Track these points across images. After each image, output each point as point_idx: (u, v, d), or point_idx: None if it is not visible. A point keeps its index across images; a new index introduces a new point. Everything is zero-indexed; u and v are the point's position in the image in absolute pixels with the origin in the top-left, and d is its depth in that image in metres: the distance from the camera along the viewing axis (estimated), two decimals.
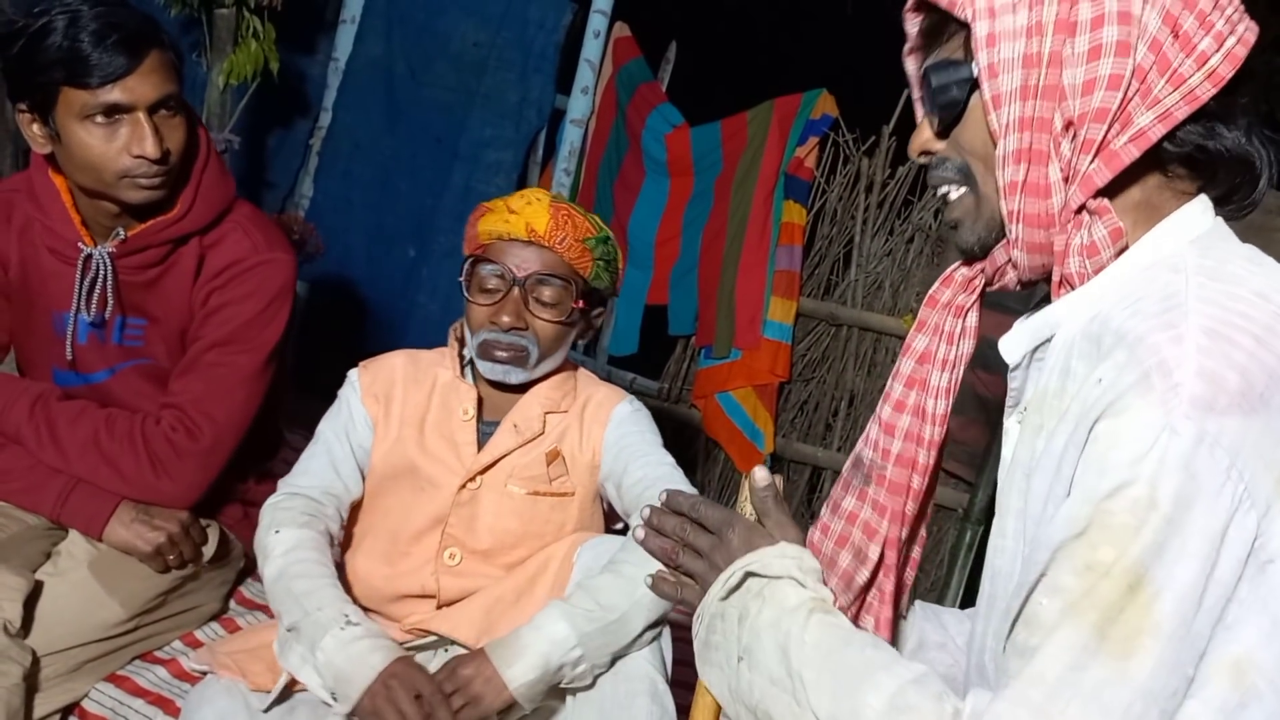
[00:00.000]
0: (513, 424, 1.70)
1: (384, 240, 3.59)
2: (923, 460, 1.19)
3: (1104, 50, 0.93)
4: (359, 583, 1.70)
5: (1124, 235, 0.98)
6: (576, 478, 1.71)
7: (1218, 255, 0.97)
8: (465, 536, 1.67)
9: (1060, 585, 0.87)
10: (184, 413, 1.74)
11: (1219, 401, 0.84)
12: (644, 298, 3.58)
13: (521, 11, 3.56)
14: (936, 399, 1.17)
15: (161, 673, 1.73)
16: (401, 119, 3.67)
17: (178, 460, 1.73)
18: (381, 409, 1.72)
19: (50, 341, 1.79)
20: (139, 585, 1.71)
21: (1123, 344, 0.90)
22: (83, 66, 1.56)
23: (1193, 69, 0.94)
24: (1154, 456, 0.84)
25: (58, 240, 1.72)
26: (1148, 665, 0.84)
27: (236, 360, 1.77)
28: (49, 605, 1.63)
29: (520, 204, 1.65)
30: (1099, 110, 0.94)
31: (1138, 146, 0.95)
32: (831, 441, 3.39)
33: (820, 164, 3.32)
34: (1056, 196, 0.98)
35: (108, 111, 1.59)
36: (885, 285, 3.30)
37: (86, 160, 1.62)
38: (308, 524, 1.62)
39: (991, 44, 0.97)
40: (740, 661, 1.05)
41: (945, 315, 1.15)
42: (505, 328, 1.63)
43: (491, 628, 1.60)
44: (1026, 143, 0.97)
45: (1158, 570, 0.84)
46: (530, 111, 3.57)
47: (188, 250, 1.77)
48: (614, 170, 3.65)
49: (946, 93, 1.03)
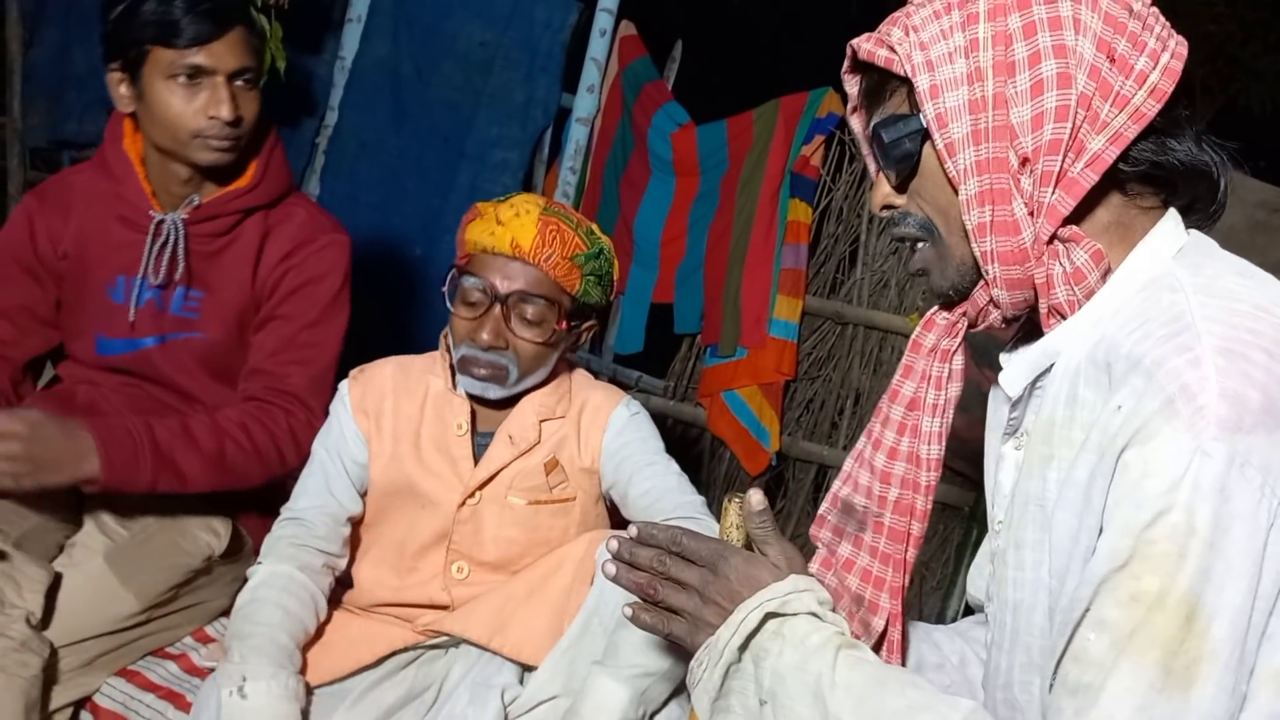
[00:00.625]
0: (507, 435, 1.67)
1: (391, 239, 3.60)
2: (920, 506, 1.18)
3: (1046, 85, 0.96)
4: (368, 591, 1.70)
5: (1105, 257, 1.00)
6: (576, 483, 1.70)
7: (1208, 271, 0.99)
8: (471, 550, 1.67)
9: (1107, 620, 0.87)
10: (297, 397, 1.84)
11: (1245, 421, 0.85)
12: (650, 296, 3.58)
13: (528, 11, 3.56)
14: (929, 444, 1.16)
15: (172, 668, 1.74)
16: (408, 118, 3.67)
17: (296, 446, 1.81)
18: (373, 424, 1.70)
19: (101, 310, 1.86)
20: (152, 577, 1.74)
21: (1138, 370, 0.91)
22: (173, 29, 1.70)
23: (1134, 89, 0.96)
24: (1188, 482, 0.85)
25: (129, 208, 1.83)
26: (1209, 692, 0.84)
27: (325, 339, 1.89)
28: (64, 597, 1.65)
29: (509, 215, 1.60)
30: (1051, 142, 0.96)
31: (1094, 170, 0.97)
32: (837, 440, 3.39)
33: (826, 162, 3.32)
34: (1026, 231, 0.99)
35: (191, 73, 1.72)
36: (891, 284, 3.30)
37: (165, 117, 1.74)
38: (292, 557, 1.62)
39: (935, 95, 1.00)
40: (764, 705, 1.03)
41: (931, 360, 1.15)
42: (484, 346, 1.59)
43: (504, 626, 1.61)
44: (987, 184, 0.99)
45: (1208, 596, 0.84)
46: (536, 111, 3.57)
47: (252, 224, 1.87)
48: (620, 169, 3.66)
49: (899, 146, 1.04)
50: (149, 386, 1.89)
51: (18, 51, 3.94)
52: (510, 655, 1.60)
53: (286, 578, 1.60)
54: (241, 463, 1.76)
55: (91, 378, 1.90)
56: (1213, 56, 5.27)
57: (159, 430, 1.67)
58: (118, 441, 1.61)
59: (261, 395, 1.83)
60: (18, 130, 4.01)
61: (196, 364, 1.88)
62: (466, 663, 1.65)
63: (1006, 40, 0.98)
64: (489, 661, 1.63)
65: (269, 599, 1.56)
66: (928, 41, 1.01)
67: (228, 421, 1.76)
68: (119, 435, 1.62)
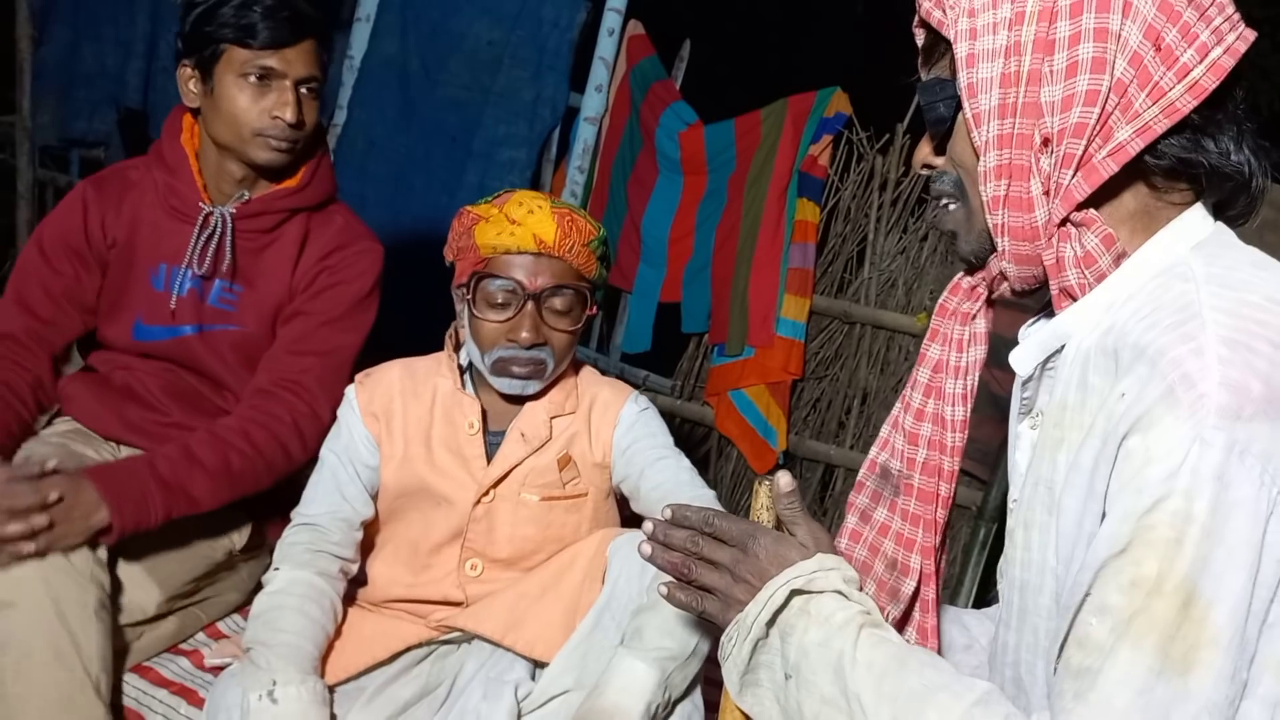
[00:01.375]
0: (519, 432, 1.67)
1: (398, 237, 3.59)
2: (948, 467, 1.22)
3: (1080, 67, 0.95)
4: (382, 588, 1.71)
5: (1116, 241, 1.00)
6: (588, 478, 1.70)
7: (1225, 262, 0.99)
8: (485, 547, 1.67)
9: (1108, 604, 0.88)
10: (304, 388, 1.86)
11: (1245, 410, 0.86)
12: (658, 295, 3.58)
13: (536, 10, 3.56)
14: (954, 406, 1.20)
15: (185, 663, 1.75)
16: (416, 117, 3.68)
17: (302, 441, 1.85)
18: (383, 426, 1.69)
19: (142, 298, 1.91)
20: (177, 567, 1.77)
21: (1143, 358, 0.92)
22: (251, 30, 1.77)
23: (1173, 82, 0.95)
24: (1187, 469, 0.85)
25: (180, 200, 1.87)
26: (1209, 678, 0.85)
27: (344, 338, 1.93)
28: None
29: (521, 213, 1.60)
30: (1076, 126, 0.96)
31: (1116, 161, 0.97)
32: (844, 439, 3.40)
33: (834, 162, 3.32)
34: (1040, 210, 1.00)
35: (262, 74, 1.78)
36: (899, 283, 3.30)
37: (232, 113, 1.80)
38: (308, 563, 1.62)
39: (971, 64, 1.01)
40: (788, 680, 1.05)
41: (953, 323, 1.18)
42: (527, 344, 1.59)
43: (518, 623, 1.61)
44: (1006, 158, 1.00)
45: (1207, 583, 0.85)
46: (544, 110, 3.57)
47: (294, 225, 1.92)
48: (628, 168, 3.66)
49: (934, 110, 1.08)
50: (183, 372, 1.92)
51: (27, 50, 3.96)
52: (523, 652, 1.61)
53: (306, 584, 1.60)
54: (249, 470, 1.78)
55: (127, 363, 1.93)
56: None
57: (161, 463, 1.68)
58: (122, 486, 1.61)
59: (267, 387, 1.85)
60: (27, 128, 4.02)
61: (232, 354, 1.92)
62: (479, 658, 1.65)
63: (1051, 16, 0.97)
64: (502, 657, 1.63)
65: (291, 605, 1.57)
66: (978, 9, 1.01)
67: (228, 432, 1.77)
68: (122, 479, 1.62)
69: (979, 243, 1.09)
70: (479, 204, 1.65)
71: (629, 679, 1.45)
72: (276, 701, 1.45)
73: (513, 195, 1.63)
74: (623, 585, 1.51)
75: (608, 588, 1.53)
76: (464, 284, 1.64)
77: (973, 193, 1.07)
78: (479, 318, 1.62)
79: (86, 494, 1.57)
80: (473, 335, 1.64)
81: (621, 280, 3.67)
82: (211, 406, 1.91)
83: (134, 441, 1.90)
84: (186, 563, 1.80)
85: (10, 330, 1.87)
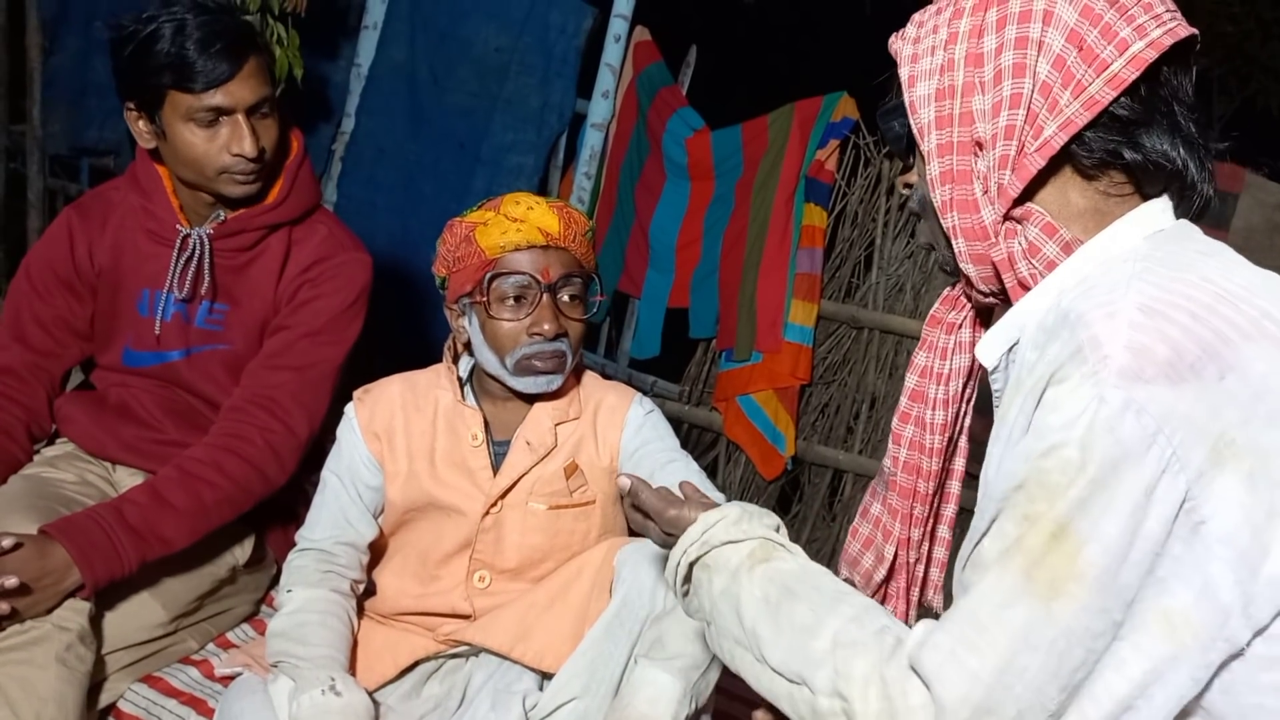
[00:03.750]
0: (525, 441, 1.67)
1: (408, 244, 3.61)
2: (926, 467, 1.31)
3: (1004, 74, 1.04)
4: (391, 599, 1.71)
5: (1059, 230, 1.06)
6: (596, 485, 1.70)
7: (1172, 248, 1.04)
8: (493, 558, 1.67)
9: (1003, 531, 0.94)
10: (278, 404, 1.81)
11: (1146, 371, 0.90)
12: (666, 300, 3.58)
13: (543, 16, 3.57)
14: (934, 410, 1.29)
15: (194, 673, 1.76)
16: (424, 124, 3.69)
17: (278, 461, 1.80)
18: (385, 446, 1.68)
19: (130, 322, 1.88)
20: (180, 587, 1.75)
21: (1066, 323, 0.98)
22: (189, 72, 1.69)
23: (1093, 77, 1.01)
24: (1083, 422, 0.90)
25: (157, 223, 1.83)
26: (1071, 608, 0.90)
27: (325, 352, 1.86)
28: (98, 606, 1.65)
29: (520, 210, 1.60)
30: (1006, 128, 1.04)
31: (1042, 155, 1.03)
32: (853, 444, 3.39)
33: (841, 167, 3.31)
34: (985, 210, 1.08)
35: (210, 114, 1.72)
36: (906, 288, 3.30)
37: (190, 157, 1.74)
38: (320, 582, 1.63)
39: (912, 84, 1.12)
40: (709, 626, 1.16)
41: (939, 332, 1.27)
42: (551, 335, 1.59)
43: (526, 635, 1.61)
44: (949, 165, 1.09)
45: (1082, 523, 0.90)
46: (551, 116, 3.57)
47: (276, 240, 1.87)
48: (635, 174, 3.66)
49: (890, 130, 1.19)
50: (178, 391, 1.91)
51: (37, 59, 3.96)
52: (531, 663, 1.61)
53: (324, 600, 1.61)
54: (225, 501, 1.74)
55: (123, 380, 1.91)
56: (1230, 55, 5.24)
57: (128, 510, 1.65)
58: (90, 542, 1.58)
59: (241, 404, 1.81)
60: (37, 137, 4.03)
61: (223, 373, 1.89)
62: (487, 670, 1.66)
63: (980, 34, 1.06)
64: (510, 668, 1.64)
65: (314, 621, 1.58)
66: (921, 36, 1.12)
67: (198, 465, 1.73)
68: (90, 533, 1.59)
69: (946, 249, 1.15)
70: (467, 215, 1.64)
71: (656, 690, 1.45)
72: (340, 694, 1.48)
73: (503, 199, 1.64)
74: (635, 595, 1.51)
75: (618, 597, 1.52)
76: (470, 291, 1.62)
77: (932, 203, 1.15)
78: (496, 318, 1.61)
79: (56, 557, 1.54)
80: (489, 341, 1.63)
81: (630, 286, 3.67)
82: (208, 424, 1.87)
83: (131, 461, 1.90)
84: (191, 581, 1.79)
85: (7, 364, 1.86)
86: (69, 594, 1.57)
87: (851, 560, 1.39)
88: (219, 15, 1.74)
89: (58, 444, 1.94)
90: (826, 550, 3.43)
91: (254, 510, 1.84)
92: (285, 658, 1.54)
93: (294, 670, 1.52)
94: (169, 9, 1.72)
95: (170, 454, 1.78)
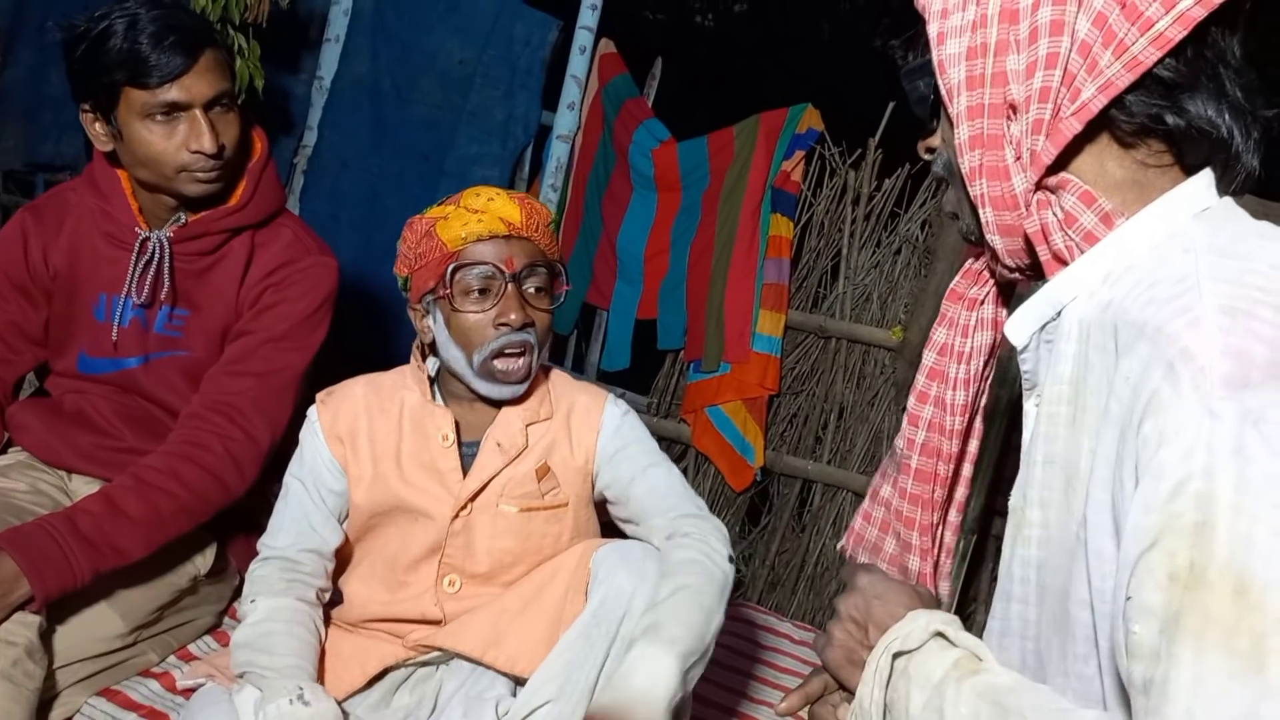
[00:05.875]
0: (495, 442, 1.63)
1: (372, 258, 3.58)
2: (946, 449, 1.24)
3: (1040, 32, 0.96)
4: (359, 607, 1.67)
5: (1097, 199, 0.99)
6: (568, 487, 1.66)
7: (1229, 233, 0.95)
8: (463, 562, 1.64)
9: (1150, 605, 0.81)
10: (239, 411, 1.76)
11: (1252, 376, 0.81)
12: (634, 312, 3.57)
13: (507, 29, 3.57)
14: (955, 390, 1.22)
15: (155, 686, 1.71)
16: (388, 136, 3.67)
17: (238, 470, 1.75)
18: (348, 449, 1.64)
19: (86, 327, 1.82)
20: (139, 598, 1.70)
21: (1143, 337, 0.88)
22: (143, 67, 1.64)
23: (1136, 36, 0.93)
24: (1201, 446, 0.80)
25: (116, 225, 1.78)
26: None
27: (288, 358, 1.81)
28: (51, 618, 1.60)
29: (481, 202, 1.57)
30: (1041, 90, 0.96)
31: (1079, 119, 0.96)
32: (821, 454, 3.39)
33: (807, 177, 3.33)
34: (1017, 178, 1.01)
35: (166, 110, 1.67)
36: (873, 297, 3.31)
37: (148, 155, 1.70)
38: (285, 591, 1.59)
39: (941, 41, 1.03)
40: None
41: (960, 308, 1.20)
42: (518, 325, 1.55)
43: (499, 640, 1.58)
44: (979, 129, 1.01)
45: (1256, 564, 0.77)
46: (517, 128, 3.57)
47: (239, 244, 1.82)
48: (602, 185, 3.65)
49: (915, 91, 1.11)
50: (136, 399, 1.86)
51: None
52: (505, 669, 1.58)
53: (289, 609, 1.57)
54: (182, 511, 1.69)
55: (79, 387, 1.86)
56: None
57: (81, 520, 1.59)
58: (41, 552, 1.53)
59: (200, 411, 1.76)
60: None
61: (183, 380, 1.84)
62: (459, 677, 1.62)
63: None
64: (482, 675, 1.60)
65: (280, 630, 1.54)
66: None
67: (154, 474, 1.68)
68: (41, 544, 1.54)
69: (971, 219, 1.08)
70: (426, 212, 1.61)
71: (655, 667, 1.40)
72: (309, 704, 1.44)
73: (462, 193, 1.61)
74: (611, 597, 1.48)
75: (595, 599, 1.49)
76: (433, 287, 1.59)
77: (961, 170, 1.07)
78: (461, 311, 1.57)
79: (4, 569, 1.49)
80: (456, 336, 1.59)
81: (598, 298, 3.65)
82: (166, 431, 1.82)
83: (88, 470, 1.85)
84: (151, 591, 1.73)
85: None
86: (18, 607, 1.51)
87: (873, 548, 1.32)
88: (173, 10, 1.71)
89: (10, 453, 1.88)
90: (796, 561, 3.42)
91: (215, 519, 1.79)
92: (251, 668, 1.49)
93: (260, 680, 1.48)
94: (122, 5, 1.69)
95: (128, 462, 1.73)
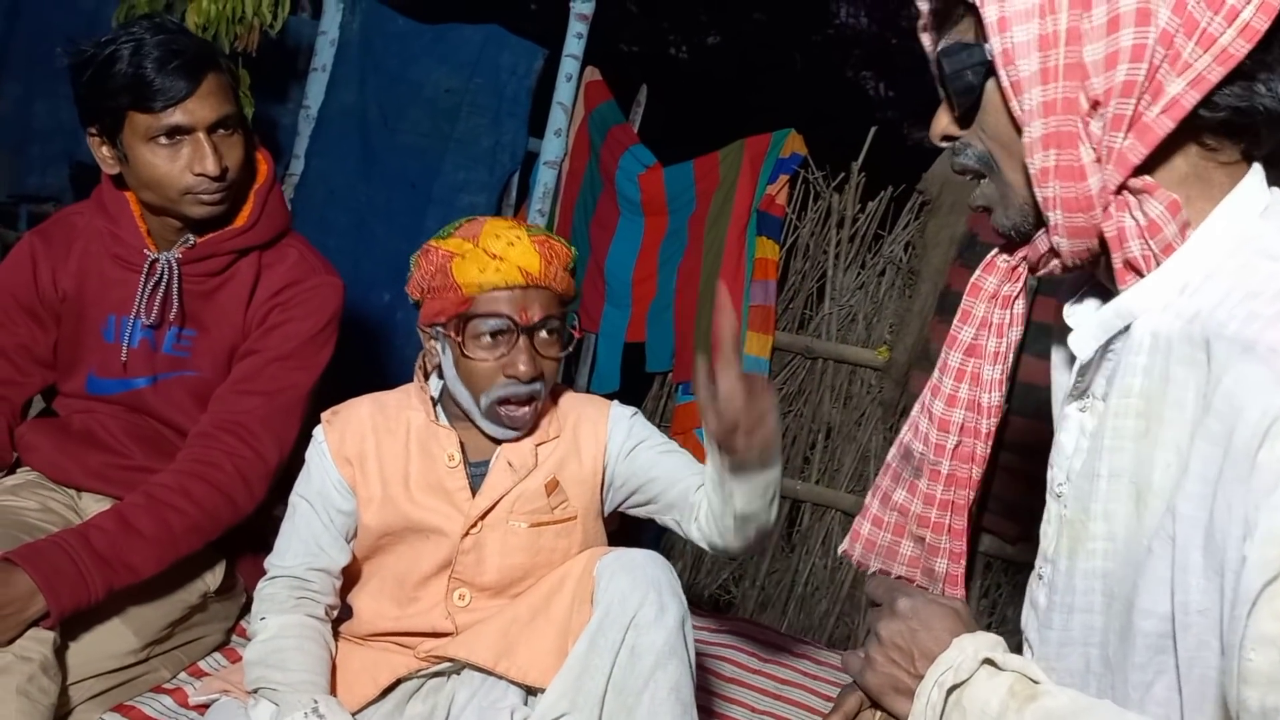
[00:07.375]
0: (506, 461, 1.64)
1: (360, 285, 3.59)
2: (980, 452, 1.18)
3: (1123, 20, 0.88)
4: (368, 621, 1.68)
5: (1182, 208, 0.93)
6: (577, 500, 1.68)
7: None
8: (473, 577, 1.64)
9: (1269, 635, 0.79)
10: (248, 430, 1.77)
11: None
12: (623, 335, 3.60)
13: (493, 58, 3.60)
14: (990, 392, 1.16)
15: (168, 701, 1.71)
16: (375, 164, 3.69)
17: (247, 488, 1.76)
18: (356, 470, 1.64)
19: (94, 349, 1.83)
20: (151, 614, 1.70)
21: (1251, 355, 0.84)
22: (147, 91, 1.66)
23: (1223, 26, 0.87)
24: None
25: (124, 248, 1.80)
26: None
27: (294, 377, 1.83)
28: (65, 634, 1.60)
29: (500, 246, 1.55)
30: (1125, 84, 0.89)
31: (1171, 117, 0.90)
32: (810, 474, 3.42)
33: (791, 201, 3.38)
34: (1093, 178, 0.93)
35: (170, 133, 1.69)
36: (859, 318, 3.36)
37: (152, 178, 1.71)
38: (294, 608, 1.59)
39: (1004, 28, 0.93)
40: None
41: (992, 307, 1.13)
42: (527, 378, 1.56)
43: (509, 650, 1.59)
44: (1054, 126, 0.93)
45: None
46: (504, 155, 3.60)
47: (246, 264, 1.84)
48: (590, 210, 3.69)
49: (961, 79, 0.99)
50: (144, 418, 1.87)
51: None
52: (517, 679, 1.59)
53: (300, 625, 1.58)
54: (193, 528, 1.70)
55: (88, 407, 1.87)
56: None
57: (95, 537, 1.60)
58: (56, 569, 1.54)
59: (209, 429, 1.77)
60: None
61: (191, 401, 1.85)
62: (471, 687, 1.63)
63: None
64: (494, 685, 1.61)
65: (291, 646, 1.55)
66: None
67: (166, 492, 1.69)
68: (56, 561, 1.55)
69: (1020, 217, 1.02)
70: (446, 239, 1.59)
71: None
72: (324, 716, 1.45)
73: (483, 226, 1.58)
74: (615, 605, 1.50)
75: (600, 609, 1.51)
76: (444, 323, 1.59)
77: (1007, 165, 1.00)
78: (471, 359, 1.57)
79: (19, 585, 1.50)
80: (463, 378, 1.60)
81: (588, 322, 3.68)
82: (174, 450, 1.83)
83: (98, 488, 1.85)
84: (162, 607, 1.74)
85: None
86: (33, 623, 1.51)
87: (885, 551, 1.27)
88: (177, 35, 1.73)
89: (19, 473, 1.88)
90: (786, 581, 3.44)
91: (223, 537, 1.80)
92: (265, 684, 1.50)
93: (275, 695, 1.48)
94: (128, 30, 1.71)
95: (138, 480, 1.74)
